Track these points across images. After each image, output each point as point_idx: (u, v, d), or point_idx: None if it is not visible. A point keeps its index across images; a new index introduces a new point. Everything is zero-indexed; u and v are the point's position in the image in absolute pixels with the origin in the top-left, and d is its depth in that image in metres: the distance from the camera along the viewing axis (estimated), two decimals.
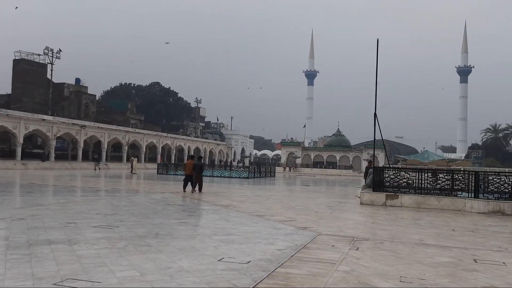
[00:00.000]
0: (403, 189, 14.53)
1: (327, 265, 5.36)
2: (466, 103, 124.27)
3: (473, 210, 12.71)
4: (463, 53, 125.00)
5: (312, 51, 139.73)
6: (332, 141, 78.96)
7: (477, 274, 5.21)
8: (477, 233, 8.67)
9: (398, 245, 6.97)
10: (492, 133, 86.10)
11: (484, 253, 6.55)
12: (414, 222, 10.08)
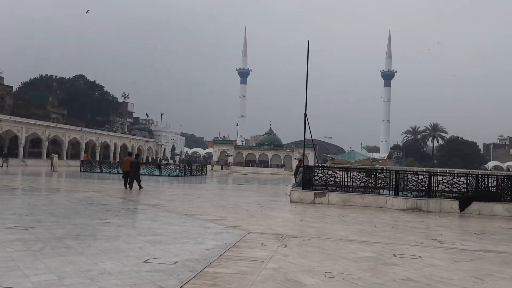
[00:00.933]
0: (331, 187, 15.14)
1: (256, 263, 5.41)
2: (389, 105, 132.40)
3: (394, 207, 13.56)
4: (387, 58, 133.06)
5: (245, 49, 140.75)
6: (264, 140, 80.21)
7: (396, 267, 5.54)
8: (396, 229, 9.25)
9: (324, 241, 7.23)
10: (412, 135, 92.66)
11: (403, 248, 7.00)
12: (340, 219, 10.53)
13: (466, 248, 7.21)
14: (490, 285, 4.87)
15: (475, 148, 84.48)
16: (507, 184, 14.18)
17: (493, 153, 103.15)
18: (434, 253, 6.70)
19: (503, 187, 14.22)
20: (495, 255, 6.70)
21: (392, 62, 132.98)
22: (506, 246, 7.65)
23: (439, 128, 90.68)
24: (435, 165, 72.60)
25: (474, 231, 9.53)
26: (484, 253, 6.88)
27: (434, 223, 10.54)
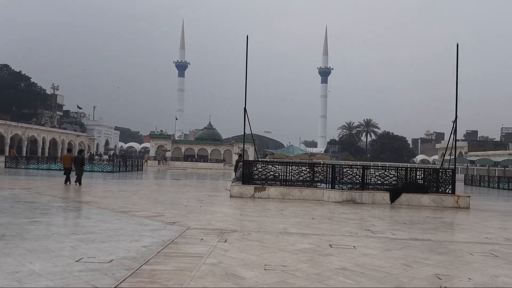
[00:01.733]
0: (270, 182, 15.40)
1: (195, 259, 5.39)
2: (326, 101, 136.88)
3: (330, 200, 14.09)
4: (324, 55, 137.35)
5: (183, 42, 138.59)
6: (203, 134, 79.64)
7: (332, 258, 5.77)
8: (332, 221, 9.62)
9: (264, 235, 7.35)
10: (347, 130, 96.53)
11: (338, 239, 7.30)
12: (279, 212, 10.75)
13: (396, 237, 7.67)
14: (417, 271, 5.22)
15: (405, 143, 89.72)
16: (433, 177, 15.25)
17: (420, 147, 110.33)
18: (367, 242, 7.06)
19: (430, 179, 15.27)
20: (422, 243, 7.20)
21: (329, 59, 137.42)
22: (432, 235, 8.24)
23: (372, 123, 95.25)
24: (369, 159, 76.26)
25: (403, 221, 10.16)
26: (413, 241, 7.36)
27: (367, 214, 11.09)
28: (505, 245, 7.36)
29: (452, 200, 14.16)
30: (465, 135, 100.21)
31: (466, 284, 4.72)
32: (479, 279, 4.95)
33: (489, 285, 4.74)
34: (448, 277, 5.01)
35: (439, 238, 7.86)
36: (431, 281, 4.80)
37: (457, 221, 10.95)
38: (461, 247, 7.12)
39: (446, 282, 4.77)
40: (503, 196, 23.47)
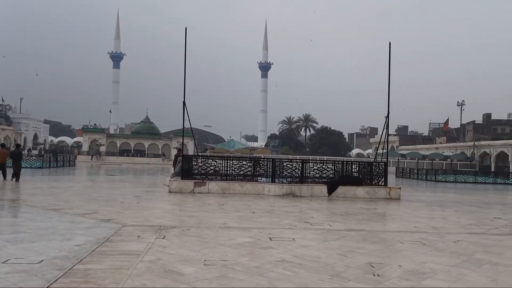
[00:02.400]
0: (211, 176, 15.35)
1: (132, 256, 5.26)
2: (266, 96, 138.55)
3: (271, 193, 14.33)
4: (264, 50, 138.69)
5: (118, 32, 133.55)
6: (140, 128, 77.46)
7: (271, 250, 5.89)
8: (273, 214, 9.80)
9: (204, 230, 7.33)
10: (287, 125, 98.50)
11: (278, 231, 7.45)
12: (219, 207, 10.76)
13: (333, 228, 7.98)
14: (352, 260, 5.47)
15: (341, 137, 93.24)
16: (367, 169, 16.02)
17: (356, 142, 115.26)
18: (306, 234, 7.28)
19: (364, 172, 16.03)
20: (357, 233, 7.55)
21: (269, 54, 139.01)
22: (366, 225, 8.66)
23: (311, 118, 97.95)
24: (308, 153, 78.39)
25: (340, 212, 10.58)
26: (348, 232, 7.70)
27: (306, 207, 11.42)
28: (432, 233, 7.90)
29: (384, 191, 14.95)
30: (397, 130, 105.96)
31: (397, 271, 5.02)
32: (408, 266, 5.28)
33: (417, 271, 5.07)
34: (381, 265, 5.29)
35: (373, 228, 8.28)
36: (365, 269, 5.05)
37: (389, 211, 11.58)
38: (393, 236, 7.55)
39: (378, 269, 5.04)
40: (431, 187, 25.16)
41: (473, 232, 8.20)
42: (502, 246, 6.89)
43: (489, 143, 56.63)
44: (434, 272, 5.02)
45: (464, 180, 33.58)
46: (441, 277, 4.81)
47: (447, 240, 7.17)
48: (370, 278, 4.67)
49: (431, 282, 4.62)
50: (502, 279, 4.84)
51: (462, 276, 4.89)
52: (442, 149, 65.99)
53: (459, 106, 71.54)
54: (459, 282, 4.64)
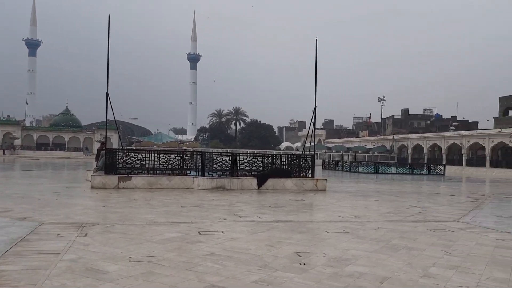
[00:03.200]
0: (137, 171, 14.92)
1: (51, 256, 4.98)
2: (195, 88, 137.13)
3: (200, 187, 14.25)
4: (193, 41, 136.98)
5: (34, 18, 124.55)
6: (59, 120, 73.21)
7: (200, 244, 5.88)
8: (202, 208, 9.77)
9: (129, 226, 7.12)
10: (217, 118, 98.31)
11: (208, 225, 7.45)
12: (146, 202, 10.50)
13: (262, 220, 8.14)
14: (280, 251, 5.63)
15: (271, 131, 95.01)
16: (296, 162, 16.50)
17: (285, 135, 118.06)
18: (235, 227, 7.35)
19: (293, 164, 16.50)
20: (285, 224, 7.77)
21: (198, 45, 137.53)
22: (294, 216, 8.93)
23: (241, 112, 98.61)
24: (238, 146, 78.91)
25: (269, 204, 10.80)
26: (276, 223, 7.89)
27: (236, 200, 11.52)
28: (354, 222, 8.35)
29: (311, 183, 15.50)
30: (323, 123, 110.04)
31: (322, 259, 5.25)
32: (332, 254, 5.54)
33: (341, 258, 5.34)
34: (307, 253, 5.50)
35: (300, 219, 8.57)
36: (292, 258, 5.22)
37: (315, 202, 12.04)
38: (318, 225, 7.87)
39: (305, 258, 5.24)
40: (354, 178, 26.51)
41: (391, 220, 8.79)
42: (416, 232, 7.46)
43: (406, 137, 60.82)
44: (355, 258, 5.31)
45: (384, 171, 35.82)
46: (362, 263, 5.11)
47: (368, 228, 7.62)
48: (296, 267, 4.83)
49: (353, 267, 4.89)
50: (416, 262, 5.25)
51: (380, 261, 5.23)
52: (364, 142, 69.72)
53: (380, 102, 75.86)
54: (378, 267, 4.96)
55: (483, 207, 11.92)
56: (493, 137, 45.97)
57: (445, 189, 19.90)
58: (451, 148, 52.49)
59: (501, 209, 11.98)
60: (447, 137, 52.53)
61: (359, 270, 4.78)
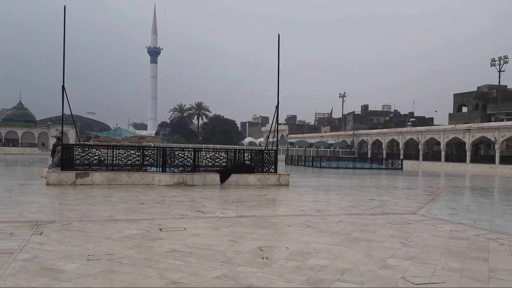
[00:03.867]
0: (95, 167, 14.54)
1: (3, 256, 4.78)
2: (156, 82, 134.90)
3: (161, 183, 14.06)
4: (153, 34, 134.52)
5: None
6: (12, 115, 70.10)
7: (161, 241, 5.81)
8: (163, 204, 9.64)
9: (87, 224, 6.94)
10: (179, 112, 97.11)
11: (169, 222, 7.37)
12: (105, 199, 10.26)
13: (225, 216, 8.13)
14: (243, 246, 5.65)
15: (234, 126, 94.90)
16: (259, 157, 16.56)
17: (249, 130, 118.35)
18: (197, 223, 7.32)
19: (256, 160, 16.55)
20: (248, 220, 7.80)
21: (158, 38, 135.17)
22: (257, 211, 8.98)
23: (203, 106, 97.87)
24: (200, 141, 78.40)
25: (232, 200, 10.81)
26: (239, 218, 7.91)
27: (198, 196, 11.45)
28: (316, 216, 8.50)
29: (274, 178, 15.64)
30: (286, 119, 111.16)
31: (284, 253, 5.32)
32: (294, 247, 5.62)
33: (303, 251, 5.42)
34: (270, 248, 5.56)
35: (263, 214, 8.63)
36: (255, 253, 5.26)
37: (278, 197, 12.16)
38: (281, 220, 7.96)
39: (267, 253, 5.29)
40: (316, 173, 26.97)
41: (352, 213, 9.01)
42: (376, 224, 7.69)
43: (366, 132, 62.39)
44: (317, 252, 5.42)
45: (345, 166, 36.65)
46: (323, 256, 5.22)
47: (329, 222, 7.78)
48: (259, 262, 4.87)
49: (314, 260, 4.99)
50: (375, 254, 5.41)
51: (341, 253, 5.36)
52: (326, 137, 70.98)
53: (341, 98, 77.35)
54: (338, 259, 5.08)
55: (438, 200, 12.42)
56: (447, 133, 47.94)
57: (403, 183, 20.60)
58: (409, 143, 54.33)
59: (455, 202, 12.53)
60: (404, 132, 54.32)
61: (321, 263, 4.87)
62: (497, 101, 55.61)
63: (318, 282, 4.19)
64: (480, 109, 59.29)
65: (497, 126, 42.55)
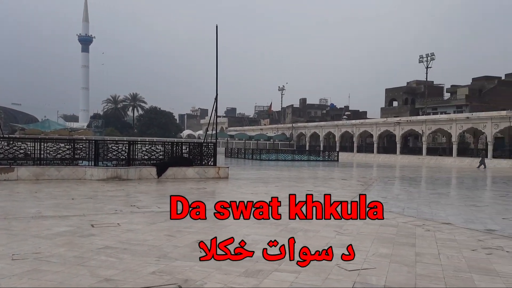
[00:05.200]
0: (20, 161, 13.70)
1: None
2: (88, 72, 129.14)
3: (93, 178, 13.52)
4: (84, 21, 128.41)
5: None
6: None
7: (93, 238, 5.59)
8: (96, 199, 9.29)
9: (11, 221, 6.52)
10: (113, 104, 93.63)
11: (102, 217, 7.11)
12: (32, 195, 9.70)
13: (162, 210, 7.99)
14: (180, 240, 5.59)
15: (172, 118, 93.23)
16: (198, 150, 16.42)
17: (187, 123, 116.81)
18: (132, 218, 7.12)
19: (194, 153, 16.39)
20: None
21: (90, 26, 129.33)
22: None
23: (139, 98, 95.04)
24: (136, 134, 76.20)
25: (169, 194, 10.61)
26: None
27: (133, 190, 11.14)
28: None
29: (213, 171, 15.59)
30: (226, 111, 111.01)
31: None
32: (234, 239, 5.64)
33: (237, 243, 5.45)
34: (208, 241, 5.53)
35: None
36: (193, 247, 5.22)
37: (217, 190, 12.15)
38: None
39: (208, 245, 5.26)
40: (256, 165, 27.24)
41: (286, 204, 9.19)
42: (312, 215, 7.90)
43: (304, 125, 63.95)
44: (256, 243, 5.47)
45: (284, 158, 37.36)
46: (261, 247, 5.27)
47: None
48: (197, 255, 4.84)
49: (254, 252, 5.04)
50: (311, 243, 5.55)
51: (279, 244, 5.45)
52: (266, 130, 71.85)
53: (280, 91, 78.57)
54: (276, 249, 5.15)
55: (371, 190, 13.04)
56: (379, 126, 50.35)
57: (339, 174, 21.38)
58: (344, 135, 56.42)
59: (386, 191, 13.22)
60: (340, 125, 56.32)
61: (259, 254, 4.93)
62: (424, 96, 59.18)
63: (256, 273, 4.25)
64: (409, 103, 62.83)
65: (424, 119, 45.33)
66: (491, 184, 18.46)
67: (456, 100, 55.98)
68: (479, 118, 39.11)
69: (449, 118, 42.68)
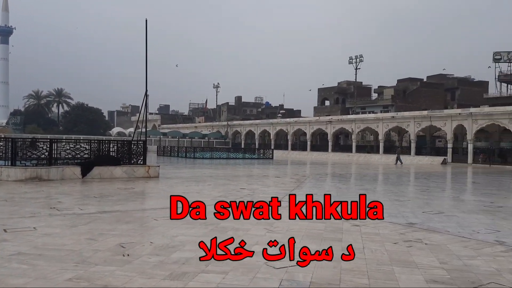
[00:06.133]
0: None
1: None
2: (7, 65, 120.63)
3: (10, 179, 12.58)
4: (4, 11, 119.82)
5: None
6: None
7: (5, 244, 5.16)
8: (12, 202, 8.64)
9: None
10: (35, 100, 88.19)
11: (16, 221, 6.60)
12: None
13: (84, 212, 7.57)
14: (102, 243, 5.30)
15: (100, 115, 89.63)
16: (126, 149, 15.83)
17: (117, 120, 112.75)
18: (51, 221, 6.68)
19: (123, 151, 15.79)
20: (110, 215, 7.37)
21: (11, 16, 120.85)
22: (121, 205, 8.55)
23: (64, 94, 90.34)
24: (61, 131, 72.34)
25: (94, 194, 10.14)
26: (101, 214, 7.44)
27: (54, 191, 10.50)
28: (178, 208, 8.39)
29: (143, 170, 15.12)
30: (159, 108, 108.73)
31: (148, 248, 5.12)
32: (160, 242, 5.46)
33: (168, 245, 5.29)
34: (132, 244, 5.30)
35: (128, 208, 8.24)
36: (115, 250, 4.97)
37: (147, 190, 11.78)
38: (148, 214, 7.71)
39: (129, 249, 5.03)
40: (189, 164, 26.88)
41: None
42: (244, 213, 7.88)
43: (240, 123, 64.25)
44: (183, 244, 5.33)
45: (219, 157, 37.21)
46: (188, 248, 5.15)
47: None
48: (119, 259, 4.61)
49: (179, 254, 4.90)
50: (239, 241, 5.52)
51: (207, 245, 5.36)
52: (200, 128, 71.27)
53: (215, 88, 78.21)
54: (201, 251, 5.05)
55: (303, 187, 13.32)
56: (312, 124, 51.84)
57: (273, 171, 21.67)
58: (279, 133, 57.45)
59: (317, 188, 13.57)
60: (275, 123, 57.26)
61: (185, 256, 4.81)
62: (354, 96, 61.74)
63: (181, 276, 4.12)
64: (340, 103, 65.31)
65: (354, 118, 47.33)
66: (414, 179, 19.62)
67: (382, 100, 59.07)
68: (403, 118, 41.54)
69: (376, 117, 44.92)
